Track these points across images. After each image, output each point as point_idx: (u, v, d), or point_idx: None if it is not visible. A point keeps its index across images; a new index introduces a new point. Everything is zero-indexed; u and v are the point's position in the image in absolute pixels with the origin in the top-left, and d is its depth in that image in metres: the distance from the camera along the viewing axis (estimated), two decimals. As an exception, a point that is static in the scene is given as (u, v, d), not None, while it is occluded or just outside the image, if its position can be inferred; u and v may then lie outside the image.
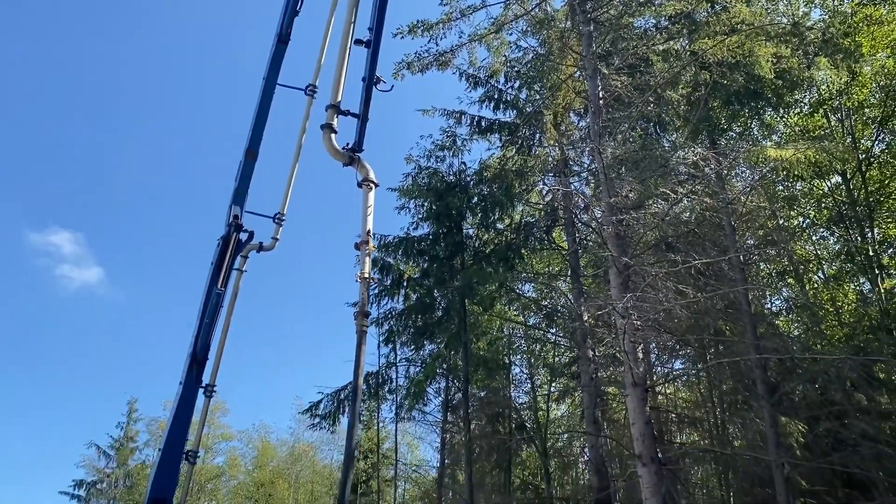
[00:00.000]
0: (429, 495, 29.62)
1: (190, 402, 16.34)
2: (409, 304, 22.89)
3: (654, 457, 12.22)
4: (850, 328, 18.93)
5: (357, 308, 10.14)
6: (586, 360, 19.29)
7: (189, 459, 16.63)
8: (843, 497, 15.38)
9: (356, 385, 9.70)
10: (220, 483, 44.65)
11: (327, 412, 22.20)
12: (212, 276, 17.44)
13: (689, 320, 16.32)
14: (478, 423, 24.55)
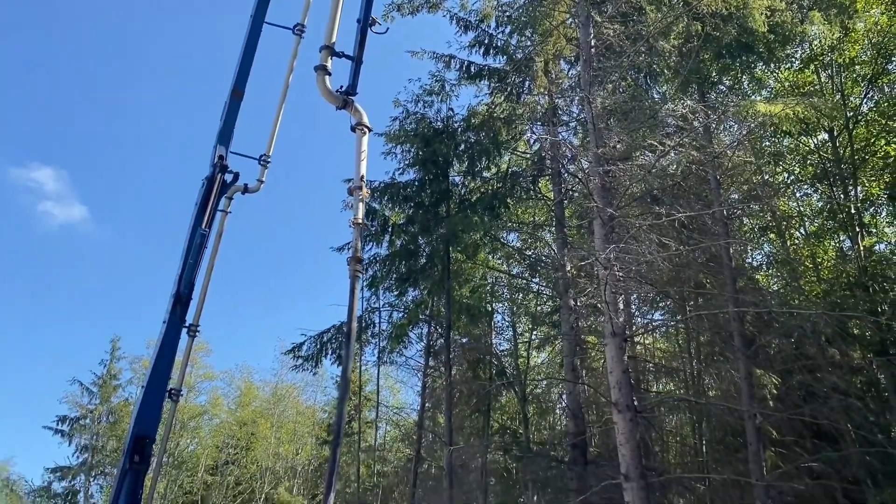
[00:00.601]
0: (409, 437, 30.20)
1: (173, 341, 16.45)
2: (393, 251, 22.92)
3: (629, 404, 12.49)
4: (827, 284, 19.21)
5: (350, 253, 10.16)
6: (567, 310, 19.50)
7: (172, 397, 16.81)
8: (811, 447, 15.83)
9: (350, 328, 9.80)
10: (203, 421, 45.25)
11: (310, 354, 22.37)
12: (196, 216, 17.38)
13: (671, 272, 16.50)
14: (459, 368, 24.89)
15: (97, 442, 41.58)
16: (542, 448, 22.83)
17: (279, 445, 46.25)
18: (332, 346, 22.26)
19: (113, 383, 42.71)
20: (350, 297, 10.21)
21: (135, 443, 15.18)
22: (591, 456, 19.05)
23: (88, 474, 41.30)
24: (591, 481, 16.38)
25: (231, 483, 43.84)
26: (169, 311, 16.57)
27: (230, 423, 46.77)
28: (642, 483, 12.00)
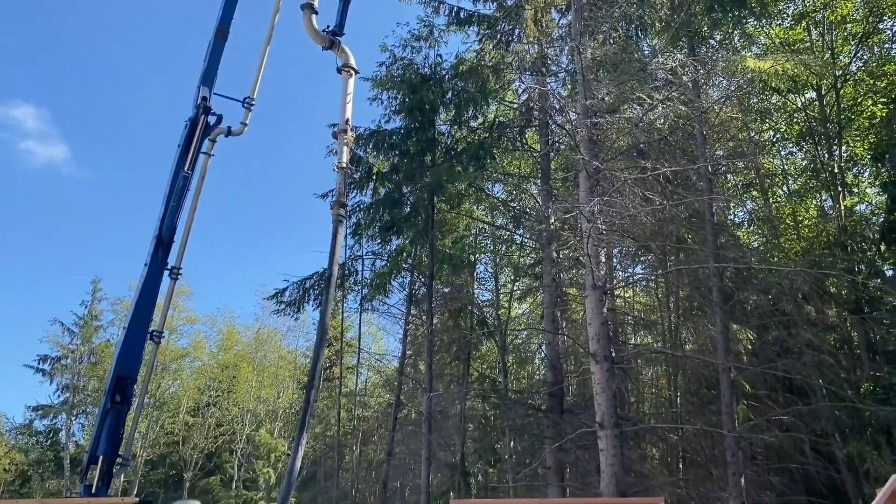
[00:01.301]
0: (390, 383, 30.55)
1: (155, 283, 16.43)
2: (377, 199, 22.83)
3: (607, 355, 12.68)
4: (807, 242, 19.42)
5: (334, 197, 10.10)
6: (550, 262, 19.61)
7: (154, 339, 16.88)
8: (782, 401, 16.20)
9: (331, 273, 9.82)
10: (185, 364, 45.46)
11: (292, 300, 22.43)
12: (179, 158, 17.19)
13: (653, 227, 16.60)
14: (440, 317, 25.08)
15: (78, 382, 41.70)
16: (520, 396, 23.19)
17: (261, 389, 46.68)
18: (315, 293, 22.31)
19: (94, 324, 42.65)
20: (332, 242, 10.22)
21: (116, 383, 15.28)
22: (567, 405, 19.40)
23: (70, 413, 41.54)
24: (567, 429, 16.71)
25: (212, 424, 44.33)
26: (151, 254, 16.51)
27: (212, 366, 47.06)
28: (616, 432, 12.26)
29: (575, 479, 18.94)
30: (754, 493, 15.11)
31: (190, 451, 42.92)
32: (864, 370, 16.72)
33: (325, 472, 31.17)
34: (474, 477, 25.90)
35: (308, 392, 8.97)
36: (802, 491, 15.87)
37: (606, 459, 12.01)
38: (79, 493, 15.52)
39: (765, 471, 15.85)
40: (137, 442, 38.78)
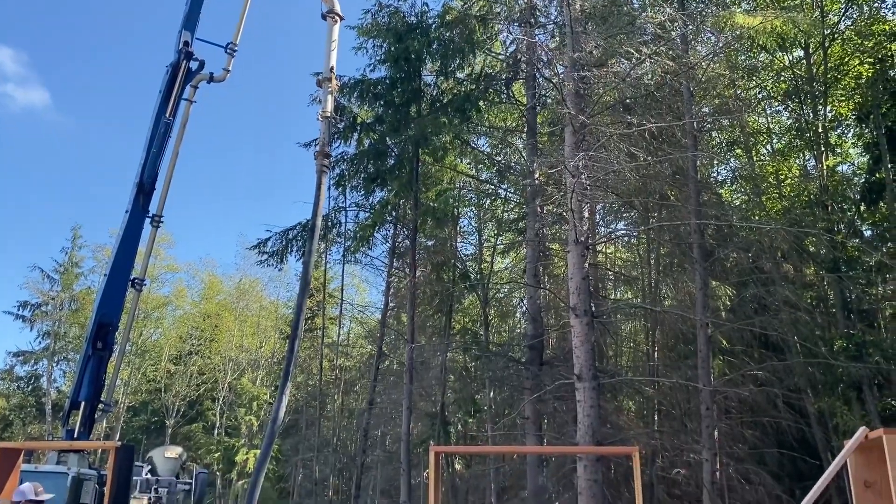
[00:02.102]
0: (372, 334, 30.77)
1: (136, 230, 16.33)
2: (361, 150, 22.63)
3: (587, 310, 12.81)
4: (788, 201, 19.57)
5: (318, 147, 10.02)
6: (533, 217, 19.64)
7: (135, 286, 16.84)
8: (758, 357, 16.50)
9: (314, 224, 9.81)
10: (167, 312, 45.45)
11: (275, 250, 22.37)
12: (160, 104, 16.94)
13: (637, 183, 16.62)
14: (423, 270, 25.16)
15: (59, 328, 41.63)
16: (500, 349, 23.46)
17: (243, 338, 46.87)
18: (298, 244, 22.25)
19: (75, 271, 42.40)
20: (316, 193, 10.16)
21: (98, 329, 15.27)
22: (546, 357, 19.65)
23: (51, 359, 41.56)
24: (546, 381, 16.97)
25: (194, 373, 44.56)
26: (132, 201, 16.36)
27: (194, 315, 47.10)
28: (594, 384, 12.46)
29: (552, 430, 19.31)
30: (727, 445, 15.49)
31: (172, 399, 43.21)
32: (839, 328, 17.03)
33: (307, 421, 31.52)
34: (454, 426, 26.33)
35: (291, 342, 9.03)
36: (774, 444, 16.28)
37: (583, 410, 12.22)
38: (61, 438, 15.63)
39: (738, 424, 16.23)
40: (119, 388, 38.94)
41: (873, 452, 5.07)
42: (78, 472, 13.31)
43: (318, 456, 28.97)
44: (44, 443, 21.94)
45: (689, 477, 16.15)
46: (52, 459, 14.28)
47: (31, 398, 43.29)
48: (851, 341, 15.59)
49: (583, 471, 11.91)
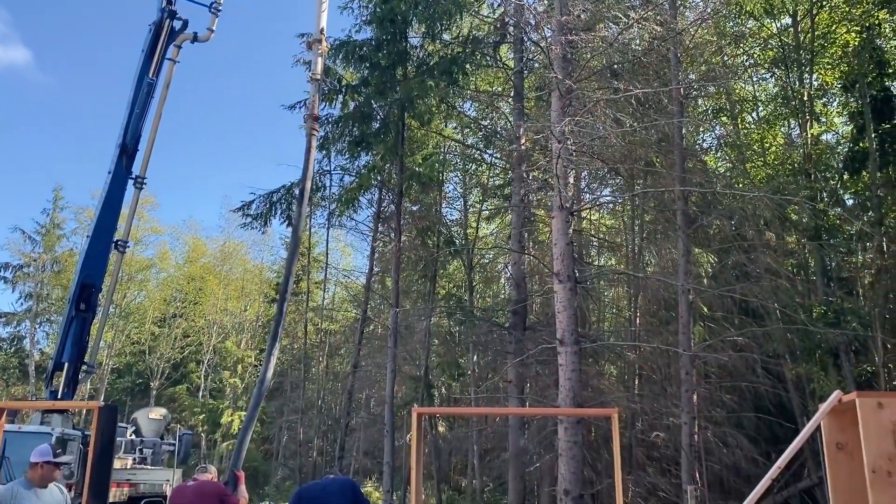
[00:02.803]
0: (356, 299, 30.83)
1: (119, 191, 16.20)
2: (346, 112, 22.42)
3: (570, 275, 12.89)
4: (772, 169, 19.65)
5: (307, 111, 9.96)
6: (519, 182, 19.63)
7: (118, 248, 16.76)
8: (738, 323, 16.72)
9: (304, 188, 9.81)
10: (151, 275, 45.25)
11: (259, 213, 22.27)
12: (143, 64, 16.69)
13: (623, 150, 16.63)
14: (408, 235, 25.17)
15: (42, 290, 41.35)
16: (484, 314, 23.62)
17: (227, 301, 46.83)
18: (282, 207, 22.16)
19: (57, 232, 41.98)
20: (306, 156, 10.13)
21: (81, 291, 15.23)
22: (530, 322, 19.83)
23: (34, 321, 41.35)
24: (529, 345, 17.14)
25: (179, 335, 44.55)
26: (115, 162, 16.20)
27: (178, 278, 46.95)
28: (576, 348, 12.60)
29: (534, 393, 19.55)
30: (705, 409, 15.77)
31: (156, 361, 43.23)
32: (818, 295, 17.25)
33: (292, 383, 31.72)
34: (438, 389, 26.60)
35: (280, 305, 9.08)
36: (751, 408, 16.59)
37: (565, 374, 12.37)
38: (45, 399, 15.63)
39: (717, 388, 16.50)
40: (103, 350, 38.88)
41: (846, 415, 5.19)
42: (62, 432, 13.38)
43: (302, 418, 29.20)
44: (27, 402, 21.95)
45: (668, 440, 16.45)
46: (36, 420, 14.35)
47: (13, 360, 43.12)
48: (830, 308, 15.81)
49: (563, 433, 12.10)
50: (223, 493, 6.26)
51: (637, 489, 15.28)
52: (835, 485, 5.32)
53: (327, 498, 5.81)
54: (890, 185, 18.30)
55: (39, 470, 5.53)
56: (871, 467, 4.62)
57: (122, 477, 16.59)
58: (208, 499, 6.11)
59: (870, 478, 4.62)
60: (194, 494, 6.12)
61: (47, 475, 5.57)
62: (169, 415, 21.15)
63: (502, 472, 20.77)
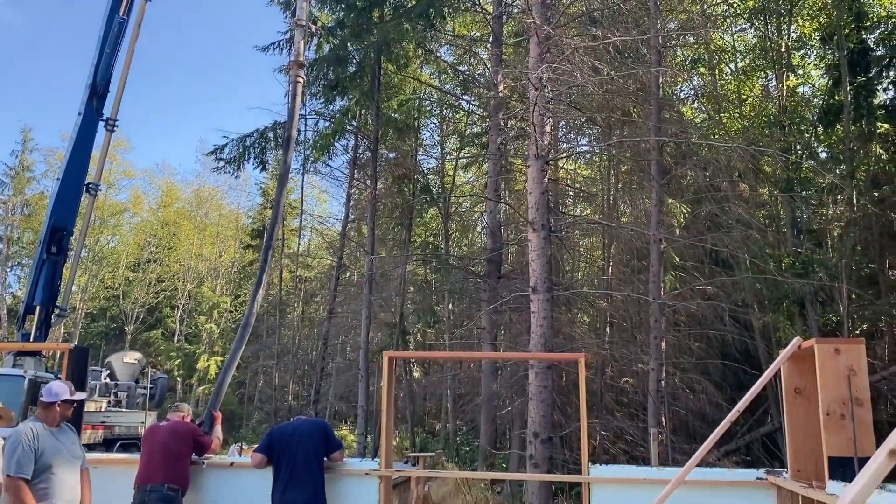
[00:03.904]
0: (332, 246, 30.78)
1: (89, 133, 15.92)
2: (321, 55, 22.02)
3: (544, 224, 12.95)
4: (748, 121, 19.72)
5: (292, 57, 9.80)
6: (496, 130, 19.53)
7: (90, 191, 16.54)
8: (708, 273, 16.98)
9: (289, 135, 9.73)
10: (124, 219, 44.77)
11: (232, 157, 22.00)
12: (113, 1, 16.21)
13: (601, 99, 16.57)
14: (384, 182, 25.05)
15: (12, 233, 40.78)
16: (460, 262, 23.72)
17: (202, 247, 46.55)
18: (255, 151, 21.91)
19: (27, 175, 41.23)
20: (290, 104, 10.03)
21: (51, 234, 15.07)
22: (504, 271, 19.99)
23: (4, 265, 40.87)
24: (503, 293, 17.30)
25: (153, 280, 44.31)
26: (85, 103, 15.88)
27: (152, 223, 46.51)
28: (548, 296, 12.74)
29: (507, 340, 19.83)
30: (673, 356, 16.12)
31: (131, 306, 43.06)
32: (787, 246, 17.54)
33: (268, 329, 31.82)
34: (412, 336, 26.84)
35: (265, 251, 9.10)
36: (718, 355, 16.97)
37: (537, 321, 12.53)
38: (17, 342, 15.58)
39: (685, 336, 16.83)
40: (76, 295, 38.63)
41: (805, 362, 5.36)
42: (34, 374, 13.39)
43: (277, 363, 29.41)
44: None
45: (636, 386, 16.83)
46: (9, 363, 14.33)
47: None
48: (798, 259, 16.09)
49: (534, 378, 12.33)
50: (196, 433, 6.31)
51: (605, 433, 15.68)
52: (792, 427, 5.53)
53: (299, 438, 5.89)
54: (863, 139, 18.49)
55: (57, 409, 5.25)
56: (826, 410, 4.81)
57: (97, 419, 16.70)
58: (182, 438, 6.14)
59: (824, 420, 4.81)
60: (168, 434, 6.14)
61: (63, 414, 5.31)
62: (144, 359, 21.21)
63: (475, 416, 21.18)
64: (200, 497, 6.25)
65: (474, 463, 19.07)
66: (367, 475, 6.03)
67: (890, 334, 18.56)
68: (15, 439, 4.99)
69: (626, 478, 5.84)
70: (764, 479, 5.70)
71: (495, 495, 14.99)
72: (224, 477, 6.36)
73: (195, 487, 6.24)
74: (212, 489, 6.31)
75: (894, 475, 7.52)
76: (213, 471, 6.38)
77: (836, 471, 4.59)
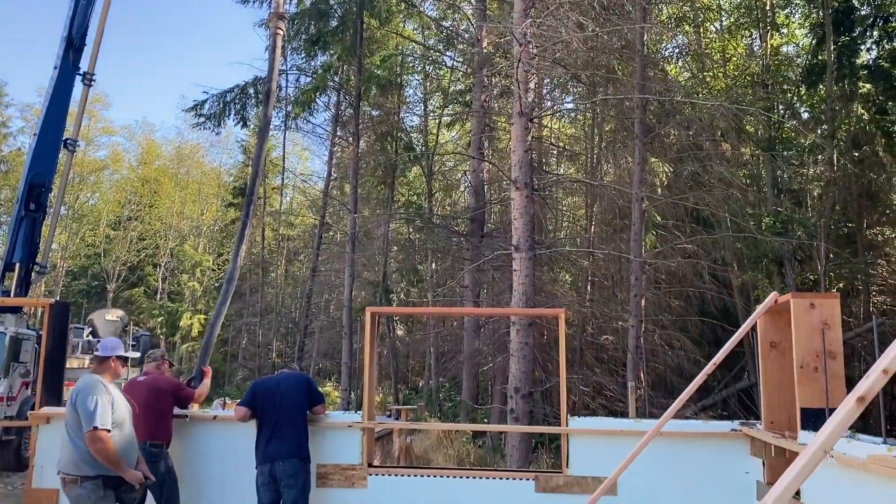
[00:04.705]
0: (315, 204, 30.65)
1: (66, 87, 15.65)
2: (302, 9, 21.66)
3: (528, 182, 12.94)
4: (731, 80, 19.69)
5: (272, 9, 9.62)
6: (480, 87, 19.38)
7: (68, 147, 16.31)
8: (689, 231, 17.11)
9: (269, 89, 9.63)
10: (104, 176, 44.22)
11: (212, 113, 21.73)
12: (87, -51, 15.76)
13: (585, 56, 16.46)
14: (367, 139, 24.84)
15: (-11, 190, 40.27)
16: (443, 221, 23.72)
17: (184, 205, 46.13)
18: (236, 107, 21.65)
19: (2, 131, 40.53)
20: (270, 57, 9.89)
21: (29, 190, 14.88)
22: (487, 230, 20.02)
23: (-18, 222, 40.39)
24: (486, 252, 17.36)
25: (135, 238, 43.97)
26: (61, 56, 15.57)
27: (132, 180, 45.97)
28: (531, 254, 12.80)
29: (490, 298, 19.96)
30: (653, 314, 16.32)
31: (112, 264, 42.77)
32: (768, 205, 17.68)
33: (251, 287, 31.76)
34: (396, 294, 26.95)
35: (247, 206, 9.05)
36: (697, 313, 17.21)
37: (519, 279, 12.61)
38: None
39: (665, 294, 17.02)
40: (56, 252, 38.30)
41: (782, 317, 5.46)
42: (16, 331, 13.35)
43: (261, 321, 29.45)
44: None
45: (616, 342, 17.06)
46: (-11, 320, 14.24)
47: (-37, 261, 42.27)
48: (778, 218, 16.25)
49: (515, 334, 12.45)
50: (177, 387, 6.27)
51: (585, 388, 15.92)
52: (766, 380, 5.66)
53: (282, 392, 5.94)
54: (845, 99, 18.55)
55: (111, 364, 5.15)
56: (800, 363, 4.92)
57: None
58: (162, 395, 6.08)
59: (797, 373, 4.92)
60: (146, 391, 6.01)
61: (116, 371, 5.20)
62: (126, 316, 21.17)
63: (457, 373, 21.42)
64: (185, 450, 6.30)
65: (456, 418, 19.35)
66: (350, 427, 6.11)
67: (866, 292, 18.87)
68: (92, 391, 4.88)
69: (603, 429, 5.96)
70: (738, 431, 5.85)
71: (477, 448, 15.24)
72: (208, 430, 6.41)
73: (180, 441, 6.27)
74: (196, 442, 6.36)
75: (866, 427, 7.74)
76: (197, 424, 6.42)
77: (808, 421, 4.71)
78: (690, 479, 5.76)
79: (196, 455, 6.31)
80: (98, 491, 4.79)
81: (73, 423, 4.86)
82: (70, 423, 4.89)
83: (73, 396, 4.90)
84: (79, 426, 4.81)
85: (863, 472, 3.57)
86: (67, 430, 4.90)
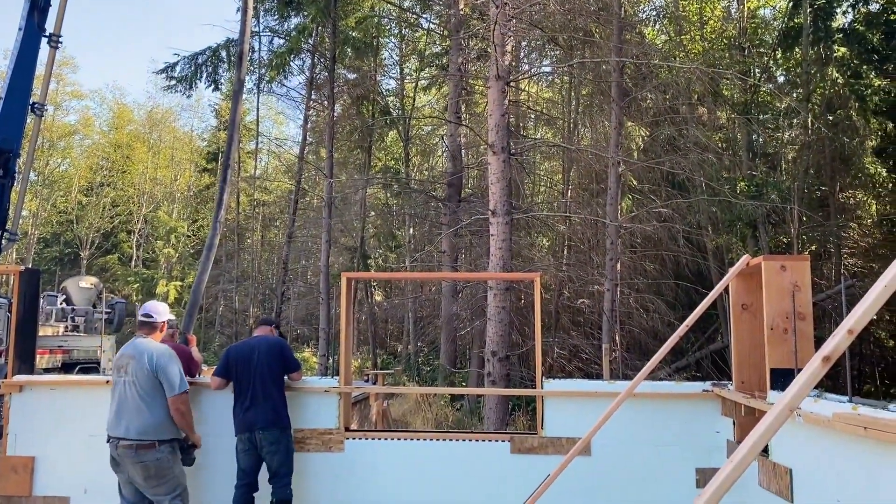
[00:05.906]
0: (290, 169, 30.36)
1: (32, 49, 15.24)
2: (276, -32, 21.25)
3: (504, 146, 12.91)
4: (709, 43, 19.65)
5: None
6: (457, 50, 19.19)
7: (35, 111, 15.96)
8: (664, 195, 17.20)
9: (241, 50, 9.47)
10: (74, 142, 43.37)
11: (184, 76, 21.33)
12: None
13: (563, 19, 16.32)
14: (342, 103, 24.56)
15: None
16: (421, 186, 23.63)
17: (157, 171, 45.48)
18: (208, 70, 21.26)
19: (-32, 96, 39.48)
20: (243, 16, 9.73)
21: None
22: (465, 194, 19.99)
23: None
24: (463, 217, 17.36)
25: (107, 204, 43.35)
26: (25, 17, 15.14)
27: (104, 145, 45.17)
28: (508, 219, 12.82)
29: (467, 263, 20.03)
30: (628, 277, 16.47)
31: (85, 231, 42.20)
32: (742, 169, 17.79)
33: (227, 254, 31.57)
34: (374, 260, 26.91)
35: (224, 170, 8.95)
36: (671, 276, 17.38)
37: (496, 244, 12.64)
38: (-34, 266, 15.25)
39: (640, 258, 17.17)
40: (27, 220, 37.71)
41: (753, 279, 5.53)
42: (-13, 298, 13.18)
43: (238, 287, 29.32)
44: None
45: (592, 306, 17.21)
46: (-41, 287, 14.02)
47: (-69, 229, 41.47)
48: (753, 182, 16.36)
49: (492, 299, 12.52)
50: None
51: (561, 351, 16.11)
52: (737, 341, 5.74)
53: (258, 358, 5.91)
54: (820, 63, 18.60)
55: (162, 328, 5.34)
56: (770, 324, 4.99)
57: (55, 343, 16.59)
58: None
59: (768, 334, 4.99)
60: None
61: (163, 336, 5.39)
62: (100, 283, 20.96)
63: (435, 337, 21.54)
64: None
65: (434, 382, 19.51)
66: (326, 392, 6.12)
67: (837, 255, 19.16)
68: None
69: (577, 391, 6.03)
70: (710, 391, 5.94)
71: (455, 411, 15.40)
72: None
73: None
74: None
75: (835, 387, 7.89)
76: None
77: (777, 381, 4.79)
78: (663, 439, 5.86)
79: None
80: (175, 453, 5.07)
81: (151, 389, 4.96)
82: (146, 388, 4.95)
83: (151, 362, 4.98)
84: (157, 391, 4.95)
85: (828, 430, 3.65)
86: (139, 397, 4.95)
